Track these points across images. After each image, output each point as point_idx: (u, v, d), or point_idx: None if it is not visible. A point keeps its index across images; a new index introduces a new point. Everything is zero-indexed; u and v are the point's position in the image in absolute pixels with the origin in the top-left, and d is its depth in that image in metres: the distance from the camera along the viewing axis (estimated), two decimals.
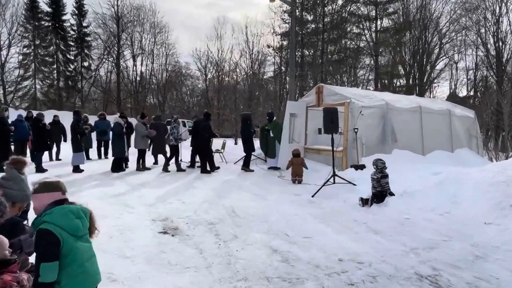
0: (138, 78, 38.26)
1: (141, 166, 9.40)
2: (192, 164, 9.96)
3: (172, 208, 5.46)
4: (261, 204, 5.88)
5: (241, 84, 38.90)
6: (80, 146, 8.69)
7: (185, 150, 11.13)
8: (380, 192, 5.62)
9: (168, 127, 9.90)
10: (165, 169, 9.14)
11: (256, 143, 11.52)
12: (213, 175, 8.93)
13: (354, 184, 6.75)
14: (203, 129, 9.36)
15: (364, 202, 5.60)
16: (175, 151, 9.49)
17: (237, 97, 33.68)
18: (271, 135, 10.13)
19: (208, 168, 9.29)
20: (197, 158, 9.99)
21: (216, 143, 11.89)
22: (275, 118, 10.65)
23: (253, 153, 10.55)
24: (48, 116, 10.47)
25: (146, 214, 5.10)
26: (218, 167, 9.59)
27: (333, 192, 6.62)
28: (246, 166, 9.85)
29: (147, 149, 9.70)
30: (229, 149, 13.63)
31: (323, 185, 6.70)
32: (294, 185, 7.73)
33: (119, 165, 9.10)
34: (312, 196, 6.41)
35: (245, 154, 10.07)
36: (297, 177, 8.05)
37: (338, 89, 9.85)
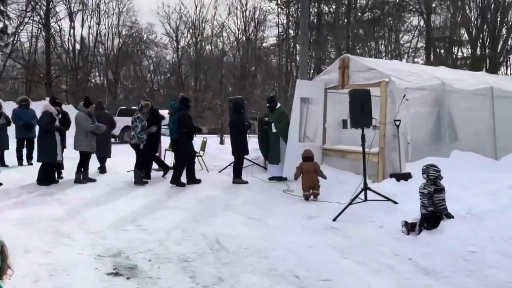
0: (77, 47, 38.24)
1: (83, 176, 9.38)
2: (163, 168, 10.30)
3: (128, 238, 5.46)
4: (259, 231, 5.89)
5: (230, 56, 38.99)
6: None
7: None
8: (433, 213, 5.64)
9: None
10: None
11: (252, 141, 11.56)
12: (189, 190, 8.91)
13: (395, 202, 6.77)
14: (179, 121, 9.43)
15: (410, 227, 5.62)
16: (140, 155, 9.55)
17: (223, 74, 33.78)
18: (273, 130, 10.16)
19: (184, 180, 9.36)
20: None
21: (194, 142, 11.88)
22: (279, 105, 10.68)
23: (246, 156, 10.58)
24: None
25: (89, 246, 5.09)
26: (199, 180, 9.62)
27: (364, 213, 6.61)
28: (237, 176, 9.88)
29: (92, 152, 9.77)
30: (211, 151, 13.66)
31: (350, 203, 6.71)
32: (307, 203, 7.75)
33: (49, 174, 9.06)
34: (334, 220, 6.42)
35: (235, 158, 10.08)
36: (311, 191, 8.07)
37: (372, 62, 9.90)
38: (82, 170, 9.44)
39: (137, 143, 9.39)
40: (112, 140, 21.72)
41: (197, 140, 10.43)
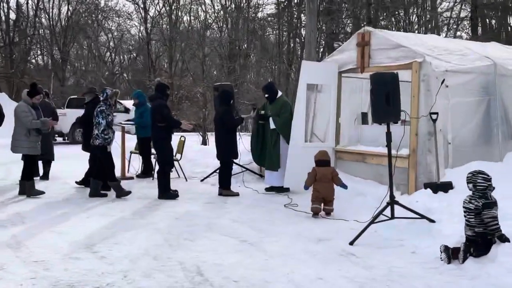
0: (12, 17, 38.05)
1: (28, 187, 9.40)
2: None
3: (81, 268, 5.43)
4: (254, 259, 5.88)
5: (215, 29, 38.90)
6: None
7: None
8: (482, 236, 5.65)
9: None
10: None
11: (245, 141, 11.54)
12: (161, 205, 8.90)
13: (431, 220, 6.78)
14: (154, 113, 9.48)
15: (452, 254, 5.63)
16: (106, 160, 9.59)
17: (206, 53, 33.74)
18: (272, 126, 10.16)
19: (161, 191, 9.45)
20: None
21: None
22: (280, 94, 10.68)
23: (236, 160, 10.56)
24: None
25: (29, 281, 5.06)
26: (176, 194, 9.62)
27: (390, 235, 6.62)
28: (224, 187, 9.88)
29: (37, 155, 9.80)
30: (191, 154, 13.63)
31: (372, 222, 6.72)
32: (316, 221, 7.75)
33: None
34: (351, 244, 6.44)
35: (221, 163, 10.10)
36: (323, 206, 8.07)
37: (401, 37, 9.92)
38: (29, 179, 9.44)
39: (102, 144, 9.38)
40: (60, 139, 21.90)
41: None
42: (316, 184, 8.13)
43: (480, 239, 5.64)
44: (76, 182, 10.53)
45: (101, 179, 9.52)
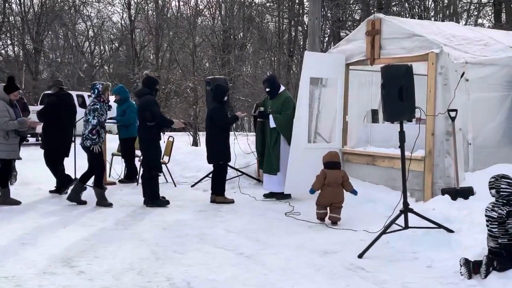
0: None
1: (1, 195, 9.45)
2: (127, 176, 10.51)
3: (58, 284, 5.43)
4: (252, 274, 5.88)
5: (207, 16, 38.87)
6: None
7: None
8: (506, 247, 5.65)
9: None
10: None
11: (240, 141, 11.53)
12: (148, 214, 8.91)
13: (450, 230, 6.79)
14: (141, 110, 9.53)
15: (473, 268, 5.63)
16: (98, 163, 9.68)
17: (197, 43, 33.65)
18: (272, 124, 10.17)
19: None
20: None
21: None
22: (283, 89, 10.66)
23: (231, 163, 10.58)
24: None
25: None
26: (165, 200, 9.63)
27: (404, 247, 6.63)
28: (218, 193, 9.88)
29: (15, 159, 9.87)
30: (181, 156, 13.60)
31: (383, 233, 6.72)
32: (321, 232, 7.75)
33: None
34: (360, 256, 6.45)
35: (214, 167, 10.11)
36: (330, 212, 8.10)
37: (415, 25, 9.92)
38: (2, 185, 9.47)
39: (90, 145, 9.43)
40: (33, 140, 21.85)
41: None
42: (324, 188, 8.16)
43: (505, 251, 5.64)
44: (50, 191, 10.53)
45: (85, 183, 9.58)
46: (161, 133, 9.80)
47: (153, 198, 9.48)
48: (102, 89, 9.61)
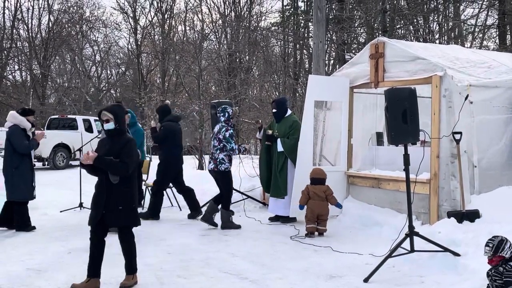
0: None
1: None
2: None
3: None
4: None
5: (213, 40, 39.11)
6: None
7: None
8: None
9: None
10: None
11: (246, 166, 11.53)
12: (152, 237, 8.94)
13: (456, 254, 6.77)
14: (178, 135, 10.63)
15: None
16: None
17: (203, 67, 33.83)
18: (279, 148, 10.15)
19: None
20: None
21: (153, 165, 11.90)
22: (289, 112, 10.64)
23: (235, 187, 10.62)
24: None
25: None
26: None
27: (410, 271, 6.61)
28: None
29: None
30: (186, 180, 13.58)
31: (389, 256, 6.71)
32: (326, 255, 7.74)
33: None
34: (366, 281, 6.43)
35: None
36: (317, 225, 8.47)
37: (419, 48, 9.97)
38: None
39: (227, 169, 9.76)
40: (39, 164, 21.89)
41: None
42: (310, 202, 8.62)
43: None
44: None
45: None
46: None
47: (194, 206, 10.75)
48: (232, 113, 9.92)
